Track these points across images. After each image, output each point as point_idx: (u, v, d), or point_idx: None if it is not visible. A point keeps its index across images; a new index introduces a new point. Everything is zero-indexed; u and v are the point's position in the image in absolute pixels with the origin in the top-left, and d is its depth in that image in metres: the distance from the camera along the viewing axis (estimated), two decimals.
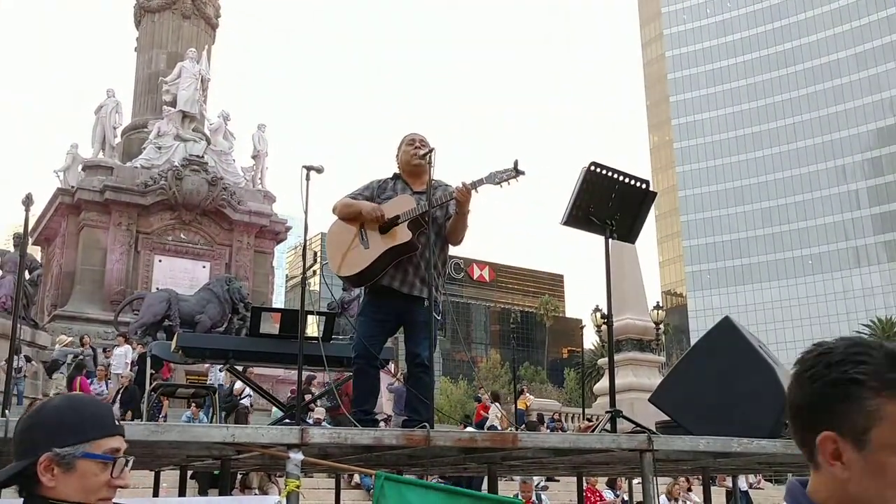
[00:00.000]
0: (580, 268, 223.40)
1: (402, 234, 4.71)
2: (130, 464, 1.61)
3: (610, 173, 4.92)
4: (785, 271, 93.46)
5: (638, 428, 4.49)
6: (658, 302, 29.75)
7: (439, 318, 4.89)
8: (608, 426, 4.31)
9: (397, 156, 5.15)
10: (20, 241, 18.37)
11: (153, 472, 6.60)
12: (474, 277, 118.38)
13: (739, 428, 3.87)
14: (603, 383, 28.82)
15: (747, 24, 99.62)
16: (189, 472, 6.96)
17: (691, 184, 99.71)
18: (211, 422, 7.86)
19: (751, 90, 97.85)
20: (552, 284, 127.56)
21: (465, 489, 4.42)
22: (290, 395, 15.88)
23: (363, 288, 5.16)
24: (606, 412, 4.58)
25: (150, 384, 9.15)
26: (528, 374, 73.57)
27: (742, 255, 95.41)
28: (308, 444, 2.84)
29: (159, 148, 25.40)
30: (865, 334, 69.81)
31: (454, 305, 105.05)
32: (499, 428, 19.15)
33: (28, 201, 4.50)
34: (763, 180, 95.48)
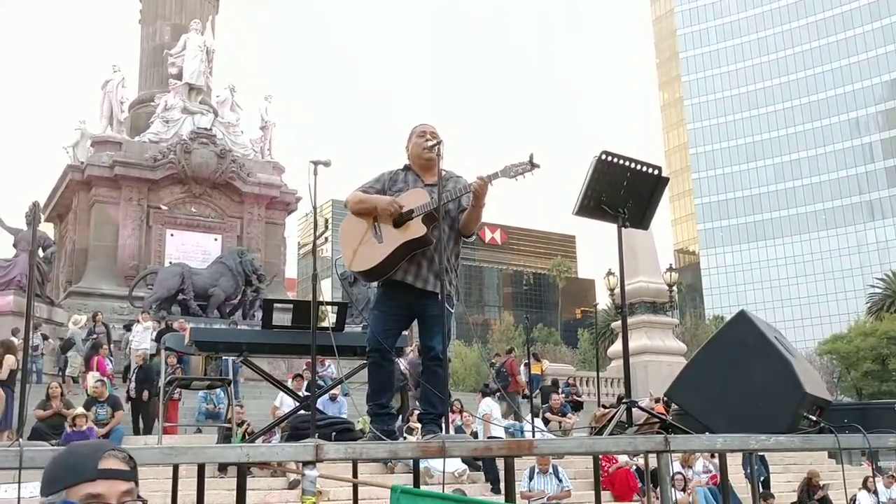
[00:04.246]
0: (592, 227, 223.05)
1: (417, 229, 4.66)
2: None
3: (621, 161, 4.85)
4: (798, 227, 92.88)
5: (653, 419, 4.47)
6: (671, 264, 29.65)
7: (453, 311, 4.87)
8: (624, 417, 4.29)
9: (407, 147, 5.08)
10: (31, 217, 18.41)
11: None
12: (486, 240, 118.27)
13: (757, 423, 3.84)
14: (616, 347, 28.85)
15: None
16: None
17: (702, 141, 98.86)
18: (227, 410, 7.92)
19: (762, 44, 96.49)
20: (564, 245, 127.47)
21: (482, 499, 4.43)
22: (304, 367, 15.98)
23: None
24: (622, 403, 4.55)
25: (166, 366, 9.19)
26: (541, 336, 73.82)
27: (755, 211, 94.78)
28: (323, 459, 2.84)
29: (167, 122, 25.34)
30: (880, 289, 69.52)
31: (466, 269, 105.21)
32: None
33: (36, 209, 4.46)
34: (775, 135, 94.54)
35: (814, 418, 3.97)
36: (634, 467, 14.52)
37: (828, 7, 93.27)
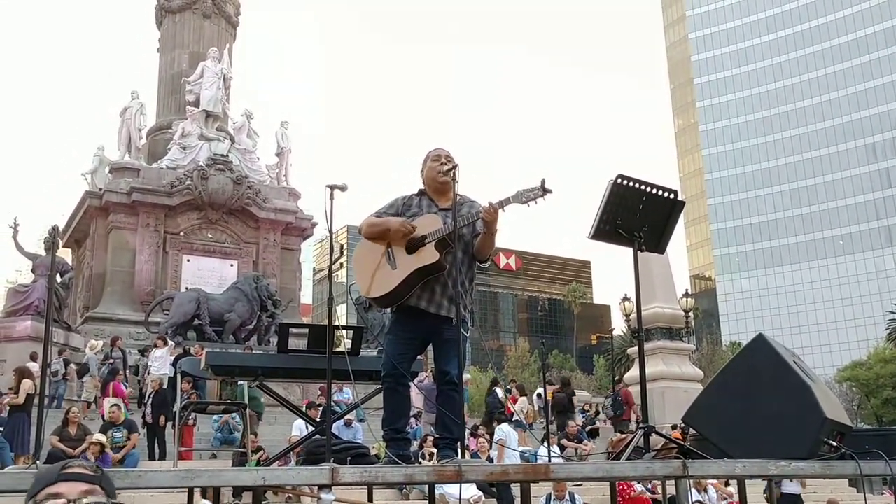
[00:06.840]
0: (607, 253, 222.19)
1: (430, 254, 4.66)
2: None
3: (637, 185, 4.84)
4: (815, 252, 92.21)
5: (671, 445, 4.42)
6: (687, 290, 29.50)
7: (468, 335, 4.85)
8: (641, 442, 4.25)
9: (422, 171, 5.10)
10: (51, 243, 18.57)
11: None
12: (501, 266, 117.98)
13: (776, 448, 3.79)
14: (632, 373, 28.64)
15: (772, 4, 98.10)
16: None
17: (718, 166, 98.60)
18: (242, 437, 7.91)
19: (776, 69, 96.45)
20: (579, 271, 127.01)
21: None
22: (319, 393, 15.98)
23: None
24: (639, 428, 4.51)
25: (181, 391, 9.21)
26: (557, 362, 73.42)
27: (771, 237, 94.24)
28: (339, 483, 2.82)
29: (184, 148, 25.57)
30: None
31: (481, 295, 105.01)
32: (524, 422, 19.04)
33: (55, 233, 4.51)
34: (791, 161, 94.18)
35: (834, 444, 3.92)
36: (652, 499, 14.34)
37: (843, 32, 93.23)
